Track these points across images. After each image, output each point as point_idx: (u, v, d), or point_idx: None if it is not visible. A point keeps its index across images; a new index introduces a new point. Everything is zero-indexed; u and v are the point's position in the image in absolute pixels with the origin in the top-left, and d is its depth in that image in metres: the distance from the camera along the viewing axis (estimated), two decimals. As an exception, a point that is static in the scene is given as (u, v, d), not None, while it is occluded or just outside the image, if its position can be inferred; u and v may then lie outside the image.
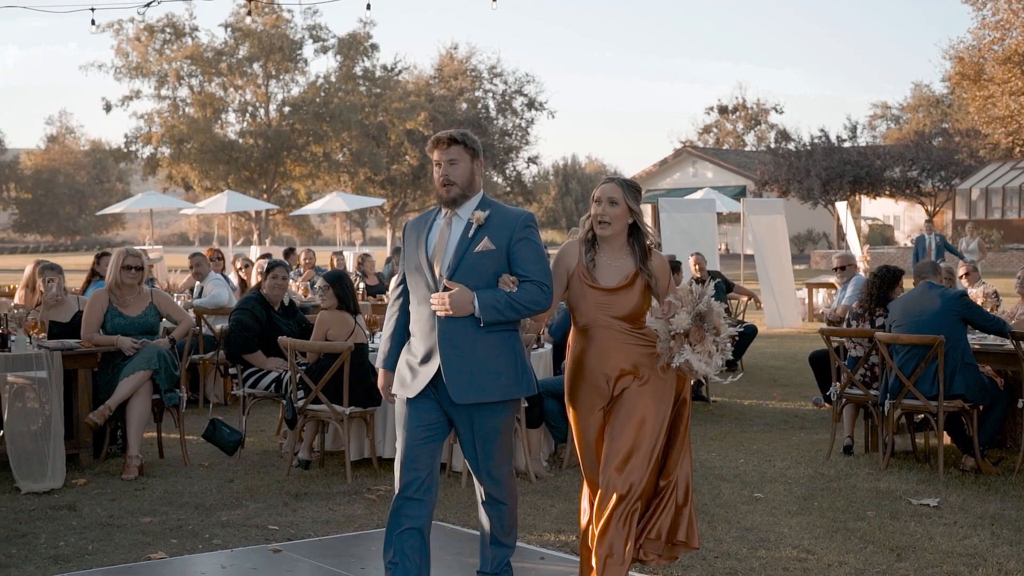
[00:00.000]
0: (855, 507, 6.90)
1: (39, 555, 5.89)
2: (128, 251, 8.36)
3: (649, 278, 4.82)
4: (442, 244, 4.72)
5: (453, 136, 4.76)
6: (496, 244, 4.68)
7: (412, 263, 4.80)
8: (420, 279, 4.75)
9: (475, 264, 4.67)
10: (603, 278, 4.84)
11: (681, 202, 23.08)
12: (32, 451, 7.51)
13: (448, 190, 4.73)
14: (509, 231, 4.70)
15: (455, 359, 4.66)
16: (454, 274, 4.66)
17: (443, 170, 4.73)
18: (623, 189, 4.86)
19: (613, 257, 4.86)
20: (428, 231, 4.80)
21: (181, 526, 6.49)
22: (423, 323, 4.73)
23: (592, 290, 4.83)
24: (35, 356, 7.68)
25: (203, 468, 8.09)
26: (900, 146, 42.67)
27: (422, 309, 4.74)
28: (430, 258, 4.73)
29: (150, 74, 48.34)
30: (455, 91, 52.48)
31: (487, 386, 4.69)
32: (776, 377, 13.41)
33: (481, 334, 4.65)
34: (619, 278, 4.82)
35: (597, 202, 4.85)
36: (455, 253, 4.69)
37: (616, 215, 4.83)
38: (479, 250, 4.67)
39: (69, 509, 6.87)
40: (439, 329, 4.66)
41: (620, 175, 4.86)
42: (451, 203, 4.75)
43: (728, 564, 5.72)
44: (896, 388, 7.92)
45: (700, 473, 7.89)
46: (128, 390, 7.90)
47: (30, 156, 78.51)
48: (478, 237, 4.69)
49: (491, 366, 4.68)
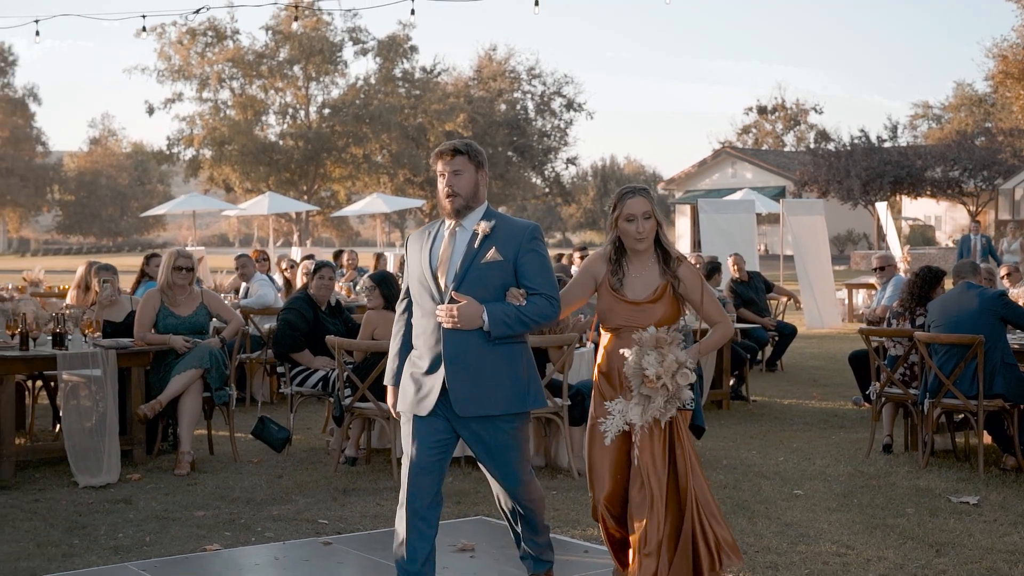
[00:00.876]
0: (894, 504, 6.98)
1: (100, 546, 6.09)
2: (179, 252, 8.57)
3: (678, 283, 4.80)
4: (447, 255, 4.68)
5: (457, 147, 4.73)
6: (503, 255, 4.64)
7: (416, 275, 4.75)
8: (424, 291, 4.71)
9: (481, 275, 4.63)
10: (632, 291, 4.81)
11: (721, 203, 23.11)
12: (88, 447, 7.73)
13: (452, 201, 4.68)
14: (516, 243, 4.66)
15: (460, 372, 4.61)
16: (460, 285, 4.61)
17: (447, 181, 4.69)
18: (651, 200, 4.84)
19: (642, 269, 4.84)
20: (432, 242, 4.75)
21: (234, 520, 6.67)
22: (427, 335, 4.69)
23: (623, 304, 4.81)
24: (91, 355, 7.90)
25: (252, 464, 8.28)
26: (942, 146, 42.37)
27: (426, 321, 4.70)
28: (435, 269, 4.68)
29: (192, 77, 48.88)
30: (494, 92, 52.67)
31: (492, 399, 4.64)
32: (816, 377, 13.45)
33: (487, 347, 4.61)
34: (649, 291, 4.80)
35: (631, 220, 4.77)
36: (461, 264, 4.65)
37: (651, 228, 4.81)
38: (486, 261, 4.63)
39: (125, 503, 7.08)
40: (444, 342, 4.62)
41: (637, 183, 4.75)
42: (455, 214, 4.70)
43: (768, 558, 5.83)
44: (935, 387, 7.98)
45: (740, 471, 8.00)
46: (180, 387, 8.11)
47: (73, 158, 79.52)
48: (484, 248, 4.65)
49: (497, 379, 4.64)
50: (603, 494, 4.89)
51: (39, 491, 7.40)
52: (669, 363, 4.56)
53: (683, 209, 53.37)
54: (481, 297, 4.59)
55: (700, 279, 4.88)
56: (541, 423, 8.07)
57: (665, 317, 4.81)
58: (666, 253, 4.83)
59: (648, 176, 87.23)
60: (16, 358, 7.81)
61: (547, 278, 4.68)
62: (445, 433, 4.70)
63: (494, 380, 4.63)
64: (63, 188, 76.68)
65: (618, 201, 4.80)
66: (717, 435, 9.39)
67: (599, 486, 4.90)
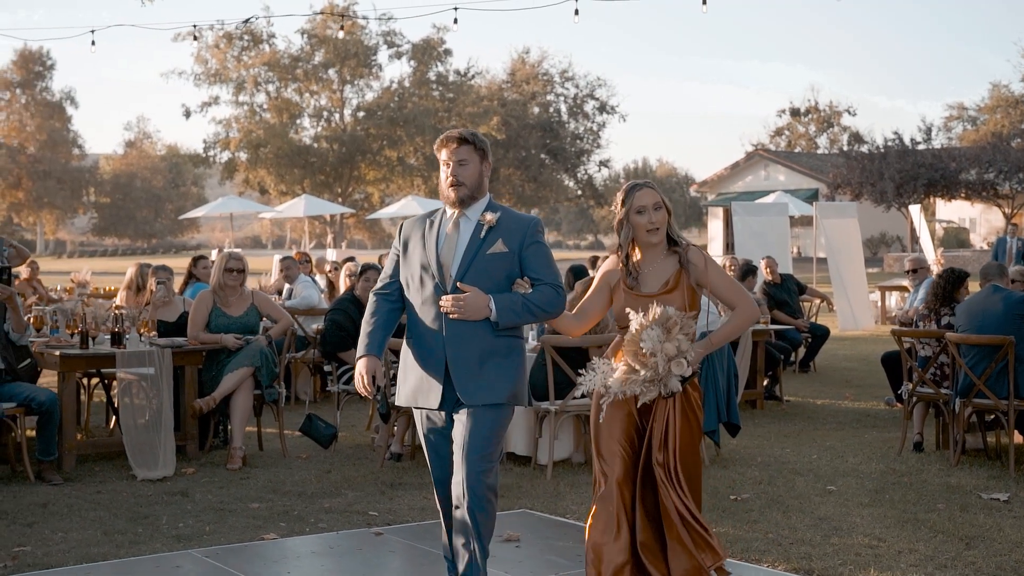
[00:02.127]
0: (925, 500, 7.18)
1: (163, 534, 6.39)
2: (230, 255, 8.88)
3: (690, 268, 4.68)
4: (451, 245, 4.64)
5: (463, 135, 4.66)
6: (509, 247, 4.62)
7: (416, 264, 4.68)
8: (427, 280, 4.65)
9: (487, 266, 4.60)
10: (646, 285, 4.73)
11: (754, 206, 23.30)
12: (145, 442, 8.04)
13: (457, 190, 4.63)
14: (521, 235, 4.64)
15: (464, 361, 4.59)
16: (465, 275, 4.58)
17: (452, 170, 4.63)
18: (659, 191, 4.75)
19: (654, 262, 4.75)
20: (435, 232, 4.69)
21: (287, 511, 6.96)
22: (428, 325, 4.64)
23: (637, 298, 4.70)
24: (147, 353, 8.22)
25: (301, 460, 8.57)
26: (976, 148, 42.20)
27: (426, 310, 4.65)
28: (440, 259, 4.63)
29: (228, 80, 49.45)
30: (527, 95, 52.95)
31: (495, 387, 4.62)
32: (848, 378, 13.62)
33: (490, 336, 4.59)
34: (661, 283, 4.71)
35: (641, 212, 4.68)
36: (465, 255, 4.61)
37: (662, 219, 4.72)
38: (491, 252, 4.60)
39: (182, 495, 7.38)
40: (447, 331, 4.59)
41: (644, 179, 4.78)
42: (459, 203, 4.65)
43: (803, 550, 6.05)
44: (966, 387, 8.17)
45: (774, 468, 8.21)
46: (232, 384, 8.41)
47: (108, 161, 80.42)
48: (490, 239, 4.62)
49: (499, 368, 4.62)
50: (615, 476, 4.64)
51: (100, 483, 7.72)
52: (669, 347, 4.44)
53: (715, 211, 53.41)
54: (486, 288, 4.57)
55: (711, 262, 4.76)
56: (581, 420, 8.31)
57: (681, 308, 4.68)
58: (674, 242, 4.74)
59: (680, 178, 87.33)
60: (78, 356, 8.16)
61: (552, 269, 4.69)
62: (451, 436, 4.72)
63: (496, 369, 4.61)
64: (99, 191, 77.54)
65: (626, 196, 4.71)
66: (752, 433, 9.60)
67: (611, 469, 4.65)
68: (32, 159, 69.42)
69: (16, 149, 68.83)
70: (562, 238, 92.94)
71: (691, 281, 4.70)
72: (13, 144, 68.46)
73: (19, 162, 68.49)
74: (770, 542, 6.22)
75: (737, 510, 6.97)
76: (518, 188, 53.68)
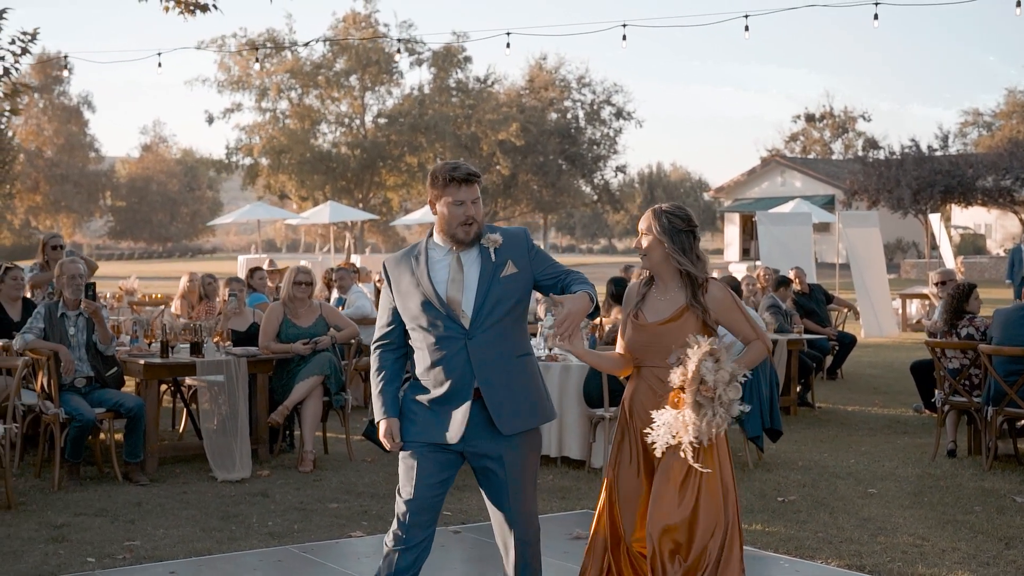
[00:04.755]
0: (963, 503, 7.65)
1: (255, 532, 6.89)
2: (299, 269, 9.39)
3: (702, 313, 4.52)
4: (459, 278, 4.46)
5: (475, 173, 4.50)
6: (519, 266, 4.49)
7: (415, 306, 4.49)
8: (439, 318, 4.44)
9: (504, 290, 4.45)
10: (650, 313, 4.59)
11: (778, 215, 23.77)
12: (223, 445, 8.56)
13: (471, 229, 4.46)
14: (523, 251, 4.53)
15: (497, 390, 4.45)
16: (483, 304, 4.43)
17: (466, 209, 4.44)
18: (654, 218, 4.57)
19: (665, 290, 4.60)
20: (427, 268, 4.49)
21: (366, 511, 7.46)
22: (447, 362, 4.45)
23: (638, 327, 4.58)
24: (225, 362, 8.73)
25: (367, 463, 9.07)
26: (993, 154, 42.53)
27: (442, 349, 4.45)
28: (448, 294, 4.44)
29: (251, 87, 50.03)
30: (545, 101, 53.45)
31: (531, 412, 4.54)
32: (876, 385, 14.08)
33: (513, 362, 4.50)
34: (667, 313, 4.55)
35: (639, 233, 4.64)
36: (480, 285, 4.45)
37: (650, 246, 4.57)
38: (506, 275, 4.46)
39: (263, 495, 7.89)
40: (477, 363, 4.43)
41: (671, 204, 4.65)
42: (471, 242, 4.49)
43: (852, 548, 6.53)
44: (998, 396, 8.65)
45: (816, 472, 8.69)
46: (303, 392, 8.92)
47: (124, 165, 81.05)
48: (500, 260, 4.47)
49: (528, 392, 4.54)
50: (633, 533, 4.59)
51: (184, 484, 8.23)
52: (723, 374, 4.32)
53: (732, 217, 53.92)
54: (502, 314, 4.45)
55: (730, 306, 4.59)
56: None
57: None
58: (692, 278, 4.54)
59: (694, 183, 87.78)
60: (160, 365, 8.67)
61: (559, 265, 4.59)
62: (450, 469, 4.56)
63: (524, 393, 4.52)
64: (115, 194, 78.16)
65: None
66: (789, 439, 10.07)
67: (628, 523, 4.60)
68: (49, 163, 70.05)
69: (34, 153, 69.49)
70: (575, 242, 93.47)
71: (705, 318, 4.53)
72: (31, 148, 69.12)
73: (37, 166, 69.14)
74: (821, 540, 6.69)
75: (786, 511, 7.45)
76: (536, 194, 54.19)
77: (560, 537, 6.73)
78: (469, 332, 4.42)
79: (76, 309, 8.39)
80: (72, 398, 8.17)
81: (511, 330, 4.49)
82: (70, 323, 8.38)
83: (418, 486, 4.48)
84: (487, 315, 4.42)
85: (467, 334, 4.43)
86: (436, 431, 4.49)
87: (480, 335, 4.42)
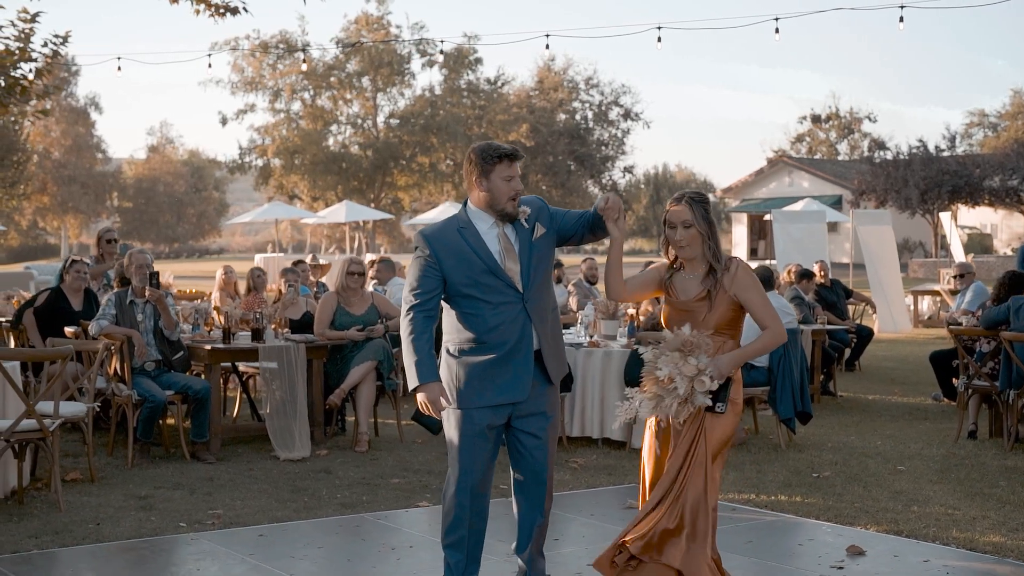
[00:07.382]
0: (988, 478, 8.12)
1: (328, 504, 7.36)
2: (352, 260, 9.86)
3: (723, 291, 4.77)
4: (512, 248, 4.87)
5: (520, 152, 4.94)
6: (547, 227, 4.94)
7: (473, 273, 4.82)
8: (496, 287, 4.84)
9: (541, 252, 4.92)
10: (681, 291, 4.87)
11: (793, 214, 24.26)
12: (284, 426, 9.02)
13: (516, 204, 4.86)
14: (545, 213, 4.96)
15: (547, 342, 4.95)
16: (530, 268, 4.86)
17: (514, 184, 4.83)
18: (692, 209, 4.79)
19: (693, 270, 4.87)
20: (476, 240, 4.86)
21: (426, 485, 7.92)
22: (506, 325, 4.84)
23: (672, 303, 4.90)
24: (284, 348, 9.20)
25: (418, 444, 9.53)
26: (1000, 155, 42.97)
27: (502, 313, 4.84)
28: (504, 263, 4.85)
29: (264, 88, 50.57)
30: (554, 103, 53.95)
31: (563, 361, 5.09)
32: (893, 376, 14.53)
33: (551, 315, 5.00)
34: (696, 291, 4.82)
35: (672, 227, 4.82)
36: (522, 251, 4.88)
37: (692, 237, 4.80)
38: (537, 237, 4.90)
39: (326, 472, 8.35)
40: (535, 318, 4.89)
41: (690, 190, 4.94)
42: (513, 217, 4.89)
43: (888, 515, 7.00)
44: (1020, 381, 9.10)
45: (845, 451, 9.16)
46: (358, 377, 9.39)
47: (131, 166, 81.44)
48: (531, 226, 4.91)
49: (560, 342, 5.08)
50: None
51: (248, 463, 8.70)
52: (689, 367, 4.58)
53: (739, 217, 54.36)
54: (543, 273, 4.93)
55: (750, 284, 4.79)
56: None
57: (722, 319, 4.78)
58: (715, 258, 4.80)
59: (699, 183, 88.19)
60: (224, 350, 9.14)
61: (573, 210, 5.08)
62: (497, 440, 5.03)
63: (558, 343, 5.06)
64: (122, 195, 78.55)
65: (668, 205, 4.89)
66: (816, 423, 10.51)
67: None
68: (57, 164, 70.51)
69: (42, 154, 69.96)
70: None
71: (729, 293, 4.78)
72: (39, 149, 69.60)
73: (44, 167, 69.59)
74: (858, 510, 7.16)
75: (822, 485, 7.91)
76: (546, 194, 54.70)
77: (616, 507, 7.22)
78: (524, 296, 4.88)
79: (143, 297, 8.87)
80: (144, 381, 8.65)
81: (547, 287, 5.00)
82: (138, 310, 8.87)
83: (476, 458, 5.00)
84: (534, 277, 4.89)
85: (523, 297, 4.88)
86: (506, 392, 4.88)
87: (532, 297, 4.90)
